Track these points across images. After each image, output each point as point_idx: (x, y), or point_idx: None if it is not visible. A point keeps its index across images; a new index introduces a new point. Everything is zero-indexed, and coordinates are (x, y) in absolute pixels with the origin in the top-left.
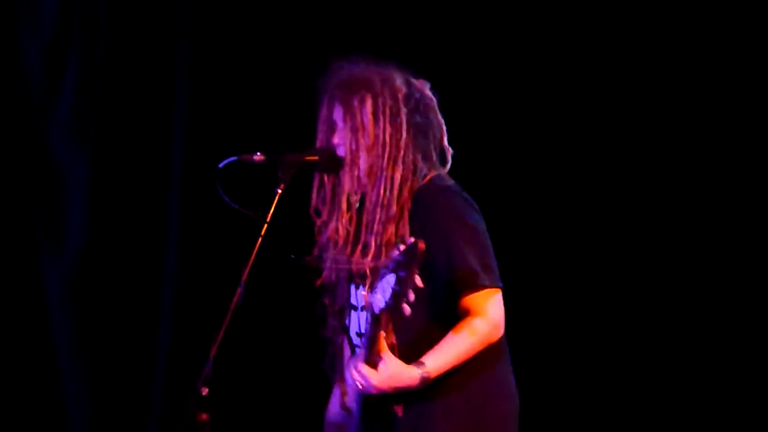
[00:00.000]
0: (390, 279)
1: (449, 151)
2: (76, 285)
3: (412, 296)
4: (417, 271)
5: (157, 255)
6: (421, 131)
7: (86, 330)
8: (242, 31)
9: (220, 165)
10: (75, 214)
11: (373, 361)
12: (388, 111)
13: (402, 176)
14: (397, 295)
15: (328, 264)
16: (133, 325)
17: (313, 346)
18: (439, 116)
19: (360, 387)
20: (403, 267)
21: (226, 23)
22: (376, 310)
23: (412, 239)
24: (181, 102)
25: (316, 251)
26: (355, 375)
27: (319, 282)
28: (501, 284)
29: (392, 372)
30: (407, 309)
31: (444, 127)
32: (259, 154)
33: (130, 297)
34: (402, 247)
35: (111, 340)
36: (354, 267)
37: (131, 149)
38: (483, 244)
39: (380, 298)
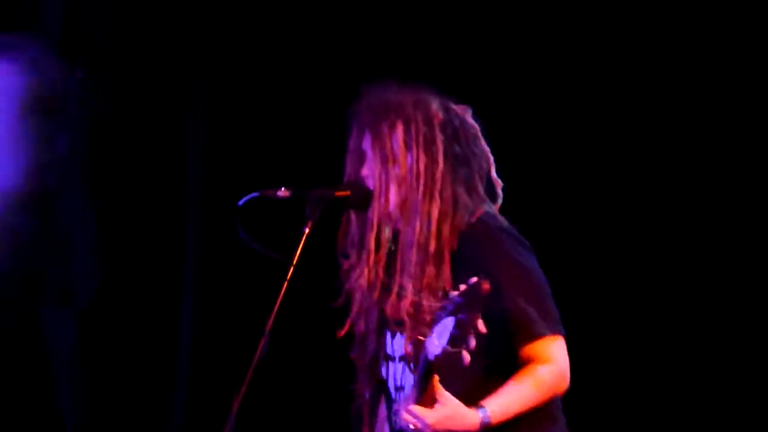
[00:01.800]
0: (448, 323)
1: (498, 184)
2: (84, 340)
3: (473, 343)
4: (480, 315)
5: (172, 304)
6: (461, 161)
7: (95, 386)
8: (260, 57)
9: (241, 202)
10: (84, 264)
11: (427, 401)
12: (421, 138)
13: (440, 211)
14: (456, 341)
15: (356, 312)
16: (147, 381)
17: (342, 400)
18: (485, 145)
19: (413, 429)
20: (463, 310)
21: (243, 53)
22: (431, 357)
23: (475, 279)
24: (197, 134)
25: (342, 298)
26: (408, 417)
27: (343, 332)
28: (563, 331)
29: (451, 412)
30: (467, 357)
31: (491, 158)
32: (283, 189)
33: (143, 352)
34: (462, 288)
35: (123, 400)
36: (389, 313)
37: (143, 193)
38: (540, 288)
39: (437, 344)
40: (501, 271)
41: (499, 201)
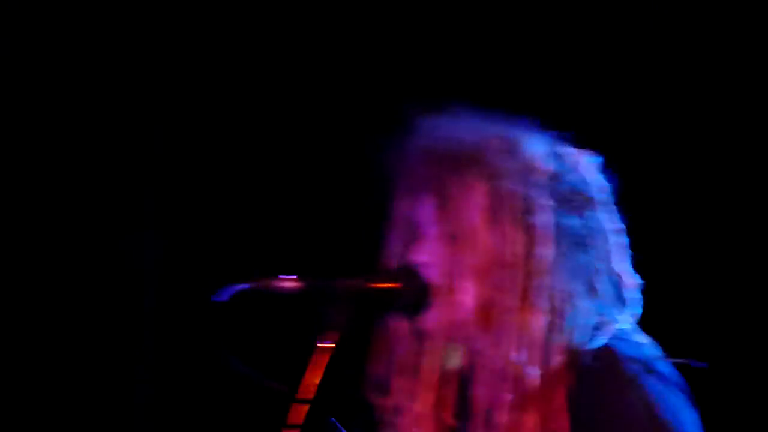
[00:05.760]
0: None
1: (632, 284)
2: None
3: None
4: None
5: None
6: (581, 244)
7: None
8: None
9: (223, 297)
10: None
11: None
12: (518, 205)
13: (548, 327)
14: None
15: None
16: None
17: None
18: (613, 217)
19: None
20: None
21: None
22: None
23: None
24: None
25: None
26: None
27: None
28: None
29: None
30: None
31: (617, 239)
32: (294, 277)
33: None
34: None
35: None
36: None
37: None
38: None
39: None
40: None
41: (635, 312)
